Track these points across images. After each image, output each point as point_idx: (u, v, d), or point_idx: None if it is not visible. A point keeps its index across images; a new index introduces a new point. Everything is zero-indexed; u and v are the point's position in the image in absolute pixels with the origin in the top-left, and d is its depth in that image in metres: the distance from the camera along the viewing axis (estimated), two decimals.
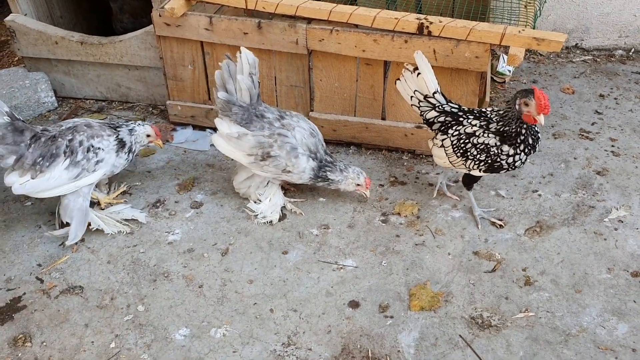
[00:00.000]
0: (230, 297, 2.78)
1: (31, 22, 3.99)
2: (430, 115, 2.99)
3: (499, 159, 2.83)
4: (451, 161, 2.97)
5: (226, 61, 2.98)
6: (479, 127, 2.87)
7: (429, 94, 2.97)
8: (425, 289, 2.77)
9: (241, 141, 3.04)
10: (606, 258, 2.89)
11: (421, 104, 3.00)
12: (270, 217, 3.16)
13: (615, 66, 4.33)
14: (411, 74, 3.00)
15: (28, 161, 2.88)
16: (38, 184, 2.89)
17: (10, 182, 2.90)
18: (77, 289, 2.85)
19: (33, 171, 2.89)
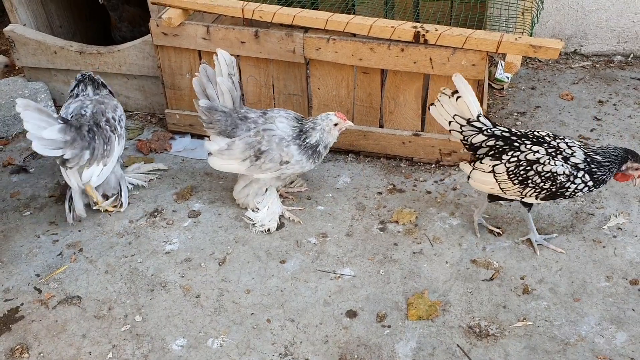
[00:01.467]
0: (227, 307, 2.78)
1: (30, 32, 4.01)
2: (478, 140, 2.83)
3: (564, 188, 2.72)
4: (503, 187, 2.81)
5: (202, 66, 3.00)
6: (545, 155, 2.73)
7: (472, 117, 2.82)
8: (422, 298, 2.76)
9: (232, 150, 3.05)
10: (605, 266, 2.88)
11: (464, 128, 2.84)
12: (269, 225, 3.16)
13: (614, 72, 4.32)
14: (449, 98, 2.84)
15: (99, 151, 3.10)
16: (109, 167, 3.15)
17: (89, 175, 3.08)
18: (75, 299, 2.85)
19: (105, 158, 3.12)
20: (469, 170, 2.91)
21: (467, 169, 2.92)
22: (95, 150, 3.08)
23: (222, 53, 2.99)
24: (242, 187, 3.22)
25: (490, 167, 2.81)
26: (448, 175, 3.45)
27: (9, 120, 3.96)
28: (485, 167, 2.84)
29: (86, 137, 3.05)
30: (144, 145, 3.79)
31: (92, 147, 3.06)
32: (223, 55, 2.99)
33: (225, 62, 2.99)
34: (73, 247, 3.12)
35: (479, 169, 2.87)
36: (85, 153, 3.03)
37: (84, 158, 3.04)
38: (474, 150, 2.88)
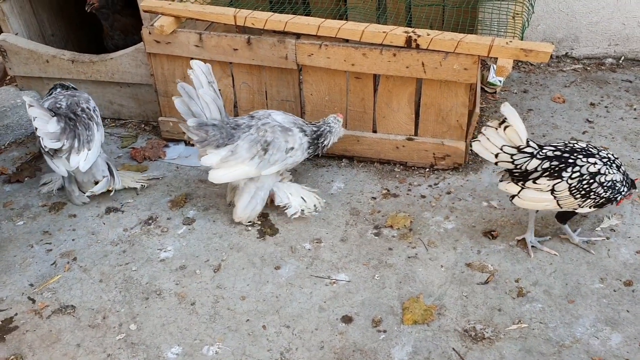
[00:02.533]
0: (222, 314, 2.77)
1: (22, 41, 4.00)
2: (533, 165, 2.75)
3: (619, 194, 2.78)
4: (562, 203, 2.78)
5: (180, 84, 2.95)
6: (603, 165, 2.74)
7: (522, 144, 2.75)
8: (418, 303, 2.76)
9: (237, 152, 3.04)
10: (599, 267, 2.89)
11: (515, 157, 2.76)
12: (313, 204, 3.23)
13: (605, 74, 4.35)
14: (496, 130, 2.76)
15: (84, 137, 3.23)
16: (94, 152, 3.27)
17: (77, 161, 3.19)
18: (69, 308, 2.84)
19: (89, 143, 3.25)
20: (516, 190, 2.83)
21: (514, 188, 2.84)
22: (80, 136, 3.21)
23: (197, 63, 2.96)
24: (248, 201, 3.16)
25: (550, 186, 2.76)
26: (442, 179, 3.46)
27: (1, 130, 3.95)
28: (542, 187, 2.77)
29: (70, 125, 3.20)
30: (138, 153, 3.78)
31: (77, 134, 3.20)
32: (199, 65, 2.96)
33: (202, 71, 2.96)
34: (67, 256, 3.11)
35: (532, 189, 2.79)
36: (75, 141, 3.18)
37: (75, 145, 3.18)
38: (524, 176, 2.80)
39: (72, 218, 3.35)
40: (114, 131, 4.01)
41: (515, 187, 2.84)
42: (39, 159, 3.81)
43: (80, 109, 3.32)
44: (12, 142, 3.99)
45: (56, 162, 3.22)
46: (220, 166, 3.08)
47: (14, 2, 4.02)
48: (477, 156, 3.58)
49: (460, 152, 3.42)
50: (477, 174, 3.48)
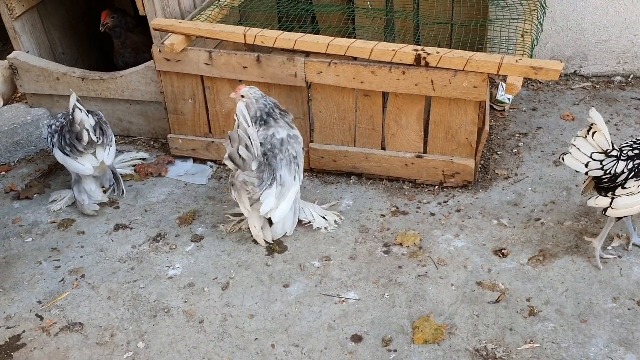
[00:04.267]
0: (231, 333, 2.75)
1: (33, 59, 4.04)
2: (620, 168, 2.72)
3: None
4: None
5: (237, 132, 2.84)
6: None
7: (609, 148, 2.74)
8: (428, 321, 2.73)
9: (284, 183, 3.06)
10: (611, 287, 2.86)
11: (604, 162, 2.73)
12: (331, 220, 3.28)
13: (614, 92, 4.34)
14: (585, 138, 2.74)
15: (108, 133, 3.52)
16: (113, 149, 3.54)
17: (102, 155, 3.41)
18: (77, 325, 2.83)
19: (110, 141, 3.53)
20: (607, 202, 2.80)
21: (605, 201, 2.81)
22: (106, 132, 3.47)
23: (241, 107, 2.87)
24: (293, 215, 3.20)
25: (639, 186, 2.73)
26: (452, 197, 3.44)
27: (11, 147, 3.97)
28: (632, 189, 2.74)
29: (98, 123, 3.45)
30: (142, 168, 3.79)
31: (104, 130, 3.45)
32: (242, 109, 2.86)
33: (243, 113, 2.85)
34: (75, 273, 3.10)
35: (623, 195, 2.77)
36: (104, 137, 3.43)
37: (105, 142, 3.42)
38: (613, 180, 2.77)
39: (80, 235, 3.35)
40: (123, 148, 4.02)
41: (605, 199, 2.81)
42: (49, 176, 3.83)
43: (95, 113, 3.51)
44: (21, 158, 4.00)
45: (81, 160, 3.38)
46: (277, 204, 3.05)
47: (26, 21, 4.07)
48: (486, 174, 3.59)
49: (470, 169, 3.41)
50: (487, 191, 3.47)
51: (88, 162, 3.39)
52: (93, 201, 3.47)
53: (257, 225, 3.14)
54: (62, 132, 3.41)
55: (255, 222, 3.13)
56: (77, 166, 3.39)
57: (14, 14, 3.93)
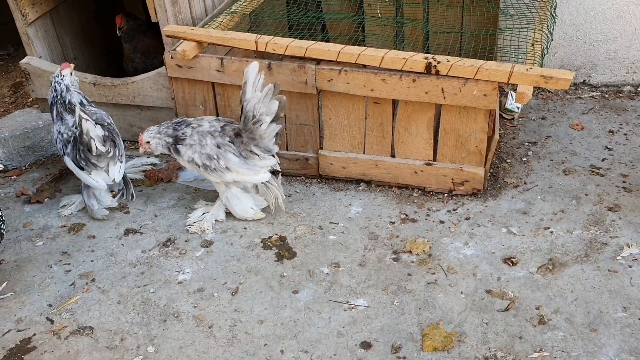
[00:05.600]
0: (240, 338, 2.76)
1: (45, 64, 4.07)
2: None
3: None
4: None
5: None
6: None
7: None
8: (438, 329, 2.73)
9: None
10: (621, 296, 2.85)
11: None
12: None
13: (624, 102, 4.34)
14: None
15: (120, 147, 3.49)
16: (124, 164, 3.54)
17: (114, 172, 3.42)
18: (87, 329, 2.84)
19: (121, 156, 3.49)
20: None
21: None
22: (119, 146, 3.43)
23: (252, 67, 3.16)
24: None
25: None
26: (461, 205, 3.44)
27: (22, 151, 4.00)
28: None
29: (109, 134, 3.37)
30: (152, 174, 3.81)
31: (116, 143, 3.41)
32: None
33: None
34: (85, 277, 3.12)
35: None
36: (116, 149, 3.39)
37: (116, 154, 3.39)
38: None
39: (91, 239, 3.37)
40: (134, 154, 4.04)
41: None
42: (59, 180, 3.85)
43: (107, 123, 3.45)
44: (32, 163, 4.03)
45: (94, 176, 3.38)
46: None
47: (38, 26, 4.11)
48: (495, 182, 3.59)
49: (480, 177, 3.42)
50: (496, 200, 3.47)
51: (101, 179, 3.39)
52: (102, 206, 3.49)
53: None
54: (75, 143, 3.36)
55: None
56: (90, 182, 3.39)
57: (27, 20, 3.97)
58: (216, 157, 3.20)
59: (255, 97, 3.12)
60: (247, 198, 3.37)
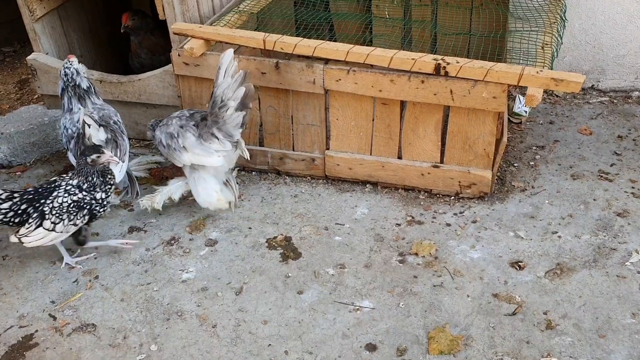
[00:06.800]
0: (244, 338, 2.73)
1: (52, 60, 4.06)
2: None
3: None
4: None
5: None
6: None
7: None
8: (444, 332, 2.70)
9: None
10: (630, 302, 2.82)
11: None
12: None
13: (632, 107, 4.31)
14: None
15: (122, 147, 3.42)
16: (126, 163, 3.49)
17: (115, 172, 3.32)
18: (90, 327, 2.81)
19: (123, 156, 3.42)
20: None
21: None
22: (121, 147, 3.36)
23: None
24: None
25: None
26: (468, 208, 3.41)
27: (27, 147, 3.98)
28: None
29: (112, 136, 3.33)
30: (157, 172, 3.80)
31: (118, 144, 3.35)
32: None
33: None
34: (89, 275, 3.10)
35: None
36: (117, 151, 3.32)
37: (117, 155, 3.29)
38: None
39: (94, 236, 3.34)
40: (139, 151, 4.02)
41: None
42: None
43: (113, 122, 3.43)
44: (37, 159, 4.02)
45: None
46: None
47: (46, 23, 4.10)
48: (502, 186, 3.57)
49: (487, 180, 3.39)
50: (504, 203, 3.44)
51: None
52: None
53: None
54: (78, 140, 3.36)
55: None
56: None
57: (34, 16, 3.96)
58: (176, 135, 3.29)
59: (225, 82, 3.15)
60: (214, 181, 3.35)
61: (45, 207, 2.94)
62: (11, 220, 2.93)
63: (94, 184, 3.01)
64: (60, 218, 2.94)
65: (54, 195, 2.97)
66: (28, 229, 2.94)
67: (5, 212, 2.91)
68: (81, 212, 2.99)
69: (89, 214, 3.02)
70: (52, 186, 3.01)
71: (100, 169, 3.03)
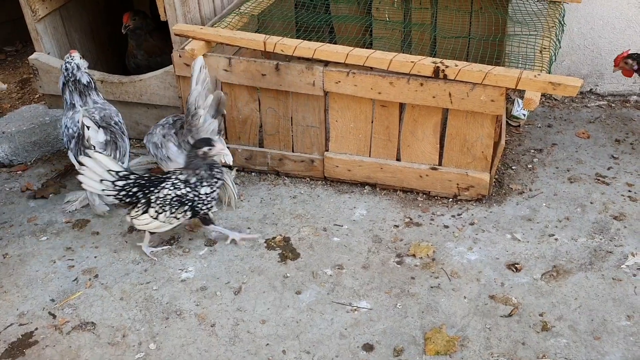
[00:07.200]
0: (242, 337, 2.75)
1: (54, 60, 4.09)
2: None
3: None
4: None
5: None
6: None
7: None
8: (440, 333, 2.72)
9: None
10: (625, 304, 2.84)
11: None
12: None
13: (630, 111, 4.34)
14: None
15: (121, 149, 3.43)
16: (125, 165, 3.47)
17: None
18: (89, 325, 2.84)
19: (122, 157, 3.42)
20: None
21: None
22: (120, 148, 3.37)
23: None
24: None
25: None
26: (465, 210, 3.44)
27: (29, 147, 4.01)
28: None
29: (112, 137, 3.35)
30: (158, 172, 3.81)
31: (118, 145, 3.36)
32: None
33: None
34: (89, 273, 3.12)
35: None
36: (116, 152, 3.34)
37: (116, 157, 3.32)
38: None
39: (95, 235, 3.37)
40: (139, 151, 4.05)
41: None
42: (65, 176, 3.86)
43: (114, 122, 3.45)
44: (38, 158, 4.04)
45: None
46: None
47: (48, 23, 4.12)
48: (500, 188, 3.59)
49: (485, 183, 3.41)
50: (501, 206, 3.47)
51: None
52: (104, 202, 3.47)
53: None
54: (79, 140, 3.38)
55: None
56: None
57: (37, 16, 3.99)
58: (160, 145, 3.36)
59: (195, 90, 3.18)
60: None
61: (152, 195, 3.02)
62: (123, 198, 3.05)
63: (202, 178, 3.03)
64: (163, 209, 3.02)
65: (161, 186, 3.04)
66: (137, 212, 3.05)
67: (118, 190, 3.02)
68: (182, 207, 3.03)
69: (190, 210, 3.06)
70: (164, 177, 3.08)
71: (210, 162, 3.06)
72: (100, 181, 3.01)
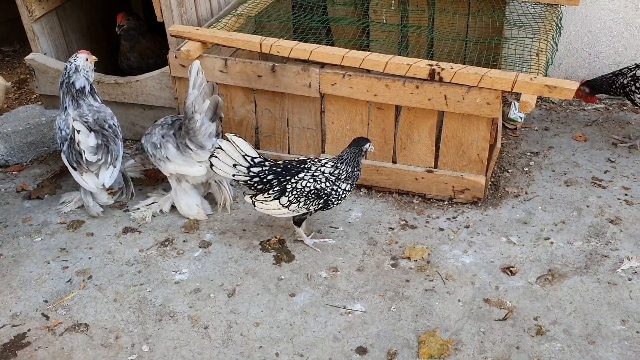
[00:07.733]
0: (235, 340, 2.74)
1: (50, 61, 4.08)
2: None
3: None
4: None
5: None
6: None
7: None
8: (434, 336, 2.71)
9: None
10: (620, 309, 2.83)
11: None
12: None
13: (627, 115, 4.33)
14: None
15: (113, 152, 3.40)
16: (118, 168, 3.48)
17: (104, 177, 3.37)
18: (83, 326, 2.83)
19: (115, 160, 3.41)
20: None
21: None
22: (112, 152, 3.34)
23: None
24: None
25: None
26: (461, 213, 3.43)
27: (25, 147, 4.00)
28: None
29: (103, 141, 3.33)
30: (153, 174, 3.81)
31: (109, 149, 3.33)
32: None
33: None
34: (82, 274, 3.11)
35: None
36: (108, 156, 3.32)
37: (108, 160, 3.31)
38: None
39: (89, 236, 3.36)
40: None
41: None
42: (60, 176, 3.85)
43: (108, 125, 3.42)
44: (34, 159, 4.03)
45: (86, 179, 3.35)
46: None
47: (44, 23, 4.12)
48: (496, 191, 3.58)
49: (480, 186, 3.41)
50: (497, 209, 3.46)
51: (91, 182, 3.36)
52: (98, 203, 3.47)
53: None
54: (70, 143, 3.35)
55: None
56: (81, 182, 3.37)
57: (33, 16, 3.98)
58: (159, 145, 3.34)
59: (192, 94, 3.18)
60: (195, 196, 3.44)
61: (289, 185, 3.01)
62: (255, 185, 3.05)
63: (349, 175, 3.03)
64: (297, 199, 3.01)
65: (299, 177, 3.02)
66: (266, 198, 3.05)
67: (252, 176, 3.03)
68: (318, 200, 3.02)
69: (323, 204, 3.05)
70: (302, 167, 3.05)
71: (359, 160, 3.06)
72: (234, 166, 3.02)
